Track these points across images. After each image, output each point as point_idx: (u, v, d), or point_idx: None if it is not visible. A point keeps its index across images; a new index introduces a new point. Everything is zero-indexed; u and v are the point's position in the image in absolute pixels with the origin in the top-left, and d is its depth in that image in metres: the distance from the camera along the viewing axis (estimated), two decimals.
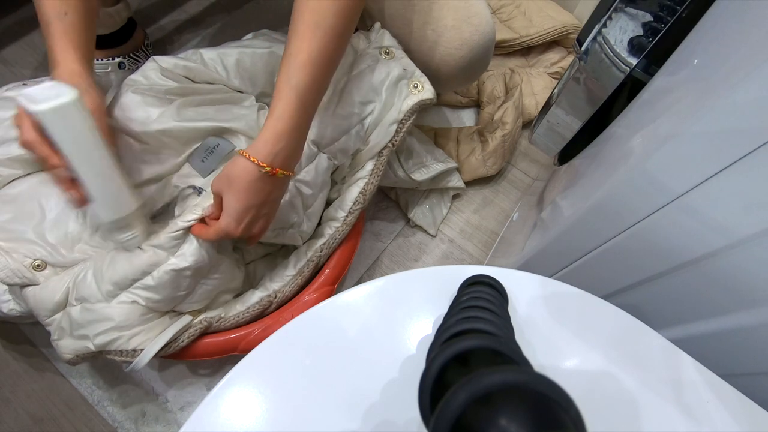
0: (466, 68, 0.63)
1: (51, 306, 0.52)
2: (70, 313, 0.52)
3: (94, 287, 0.52)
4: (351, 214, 0.64)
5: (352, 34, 0.51)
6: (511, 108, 0.84)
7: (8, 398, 0.66)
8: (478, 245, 0.84)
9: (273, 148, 0.46)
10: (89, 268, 0.53)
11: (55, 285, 0.52)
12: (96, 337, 0.52)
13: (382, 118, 0.61)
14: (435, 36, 0.61)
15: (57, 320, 0.53)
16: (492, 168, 0.85)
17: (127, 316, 0.53)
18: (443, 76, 0.64)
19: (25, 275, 0.52)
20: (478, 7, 0.60)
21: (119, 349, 0.53)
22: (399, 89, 0.61)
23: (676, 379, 0.29)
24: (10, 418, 0.65)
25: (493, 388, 0.15)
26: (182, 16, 0.99)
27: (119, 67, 0.84)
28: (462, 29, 0.60)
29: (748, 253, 0.30)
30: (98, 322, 0.52)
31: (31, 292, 0.52)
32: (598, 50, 0.42)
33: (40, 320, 0.53)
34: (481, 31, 0.60)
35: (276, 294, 0.63)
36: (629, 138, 0.38)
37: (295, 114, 0.46)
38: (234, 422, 0.26)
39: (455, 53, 0.61)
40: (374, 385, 0.28)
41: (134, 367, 0.54)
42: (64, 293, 0.52)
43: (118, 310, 0.53)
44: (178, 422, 0.67)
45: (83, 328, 0.52)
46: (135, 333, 0.54)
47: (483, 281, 0.30)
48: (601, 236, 0.39)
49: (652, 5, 0.39)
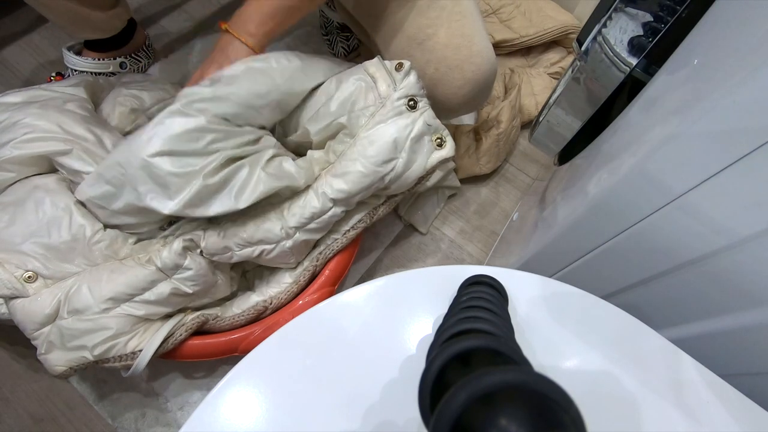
0: (468, 103, 0.64)
1: (40, 319, 0.51)
2: (61, 325, 0.51)
3: (90, 301, 0.52)
4: (353, 230, 0.63)
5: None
6: (507, 107, 0.84)
7: (8, 398, 0.66)
8: (478, 245, 0.84)
9: (261, 27, 0.53)
10: (83, 282, 0.53)
11: (45, 298, 0.51)
12: (95, 348, 0.52)
13: (404, 173, 0.58)
14: (438, 75, 0.60)
15: (45, 334, 0.52)
16: (486, 166, 0.85)
17: (124, 325, 0.53)
18: (445, 108, 0.64)
19: (15, 287, 0.51)
20: (480, 45, 0.59)
21: (117, 355, 0.53)
22: (422, 145, 0.58)
23: (676, 379, 0.29)
24: (10, 418, 0.65)
25: (493, 388, 0.15)
26: (182, 16, 0.99)
27: (120, 67, 0.84)
28: (464, 69, 0.59)
29: (748, 253, 0.30)
30: (95, 332, 0.52)
31: (20, 305, 0.51)
32: (598, 50, 0.42)
33: (26, 333, 0.52)
34: (484, 70, 0.60)
35: (272, 300, 0.63)
36: (629, 138, 0.38)
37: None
38: (234, 422, 0.26)
39: (458, 91, 0.61)
40: (374, 385, 0.28)
41: (135, 369, 0.54)
42: (54, 306, 0.51)
43: (115, 320, 0.53)
44: (178, 422, 0.67)
45: (78, 339, 0.52)
46: (131, 337, 0.54)
47: (483, 281, 0.30)
48: (601, 236, 0.39)
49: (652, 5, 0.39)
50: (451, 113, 0.67)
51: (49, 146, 0.54)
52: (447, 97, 0.62)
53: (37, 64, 0.91)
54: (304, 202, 0.57)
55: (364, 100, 0.56)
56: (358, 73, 0.58)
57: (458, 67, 0.59)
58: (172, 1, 1.01)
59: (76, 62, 0.80)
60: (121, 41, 0.82)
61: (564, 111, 0.49)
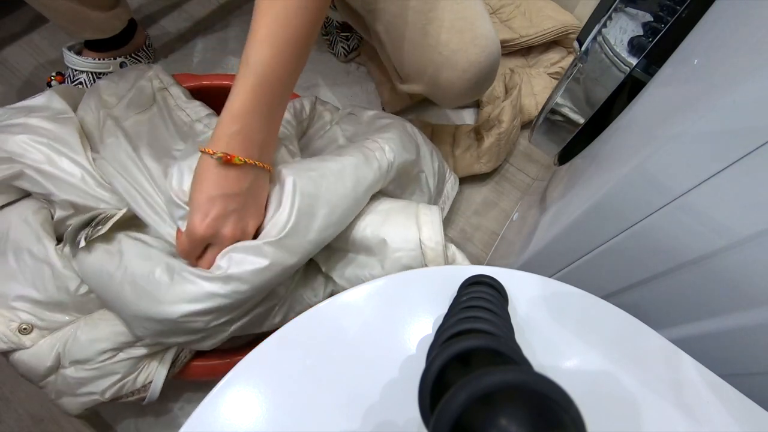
0: (473, 87, 0.63)
1: (43, 371, 0.50)
2: (66, 375, 0.50)
3: (90, 352, 0.50)
4: None
5: (323, 5, 0.45)
6: (508, 107, 0.84)
7: (8, 398, 0.66)
8: (478, 245, 0.84)
9: (226, 129, 0.43)
10: (81, 333, 0.51)
11: (44, 351, 0.50)
12: (105, 392, 0.51)
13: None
14: (442, 59, 0.60)
15: (51, 382, 0.51)
16: (486, 166, 0.85)
17: (130, 367, 0.52)
18: (450, 95, 0.64)
19: (12, 340, 0.49)
20: (483, 28, 0.59)
21: (130, 391, 0.53)
22: None
23: (676, 379, 0.29)
24: (10, 418, 0.65)
25: (493, 388, 0.15)
26: (182, 16, 0.99)
27: (120, 67, 0.84)
28: (468, 51, 0.59)
29: (748, 253, 0.30)
30: (103, 378, 0.51)
31: (20, 360, 0.50)
32: (598, 50, 0.42)
33: (34, 383, 0.51)
34: (488, 52, 0.60)
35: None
36: (629, 138, 0.38)
37: (252, 93, 0.43)
38: (234, 422, 0.26)
39: (462, 75, 0.61)
40: (374, 385, 0.28)
41: (150, 399, 0.54)
42: (54, 358, 0.50)
43: (120, 365, 0.51)
44: (178, 422, 0.67)
45: (86, 386, 0.51)
46: (139, 373, 0.53)
47: (483, 281, 0.30)
48: (601, 236, 0.39)
49: (652, 5, 0.39)
50: (456, 100, 0.66)
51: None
52: (452, 82, 0.62)
53: (37, 64, 0.91)
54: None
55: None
56: (412, 256, 0.51)
57: (462, 50, 0.59)
58: (172, 1, 1.01)
59: (76, 62, 0.80)
60: (121, 41, 0.82)
61: (564, 111, 0.49)
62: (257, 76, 0.43)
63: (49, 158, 0.50)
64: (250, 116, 0.44)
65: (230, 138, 0.43)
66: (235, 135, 0.43)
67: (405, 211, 0.54)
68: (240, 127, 0.43)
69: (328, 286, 0.58)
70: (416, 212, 0.53)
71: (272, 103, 0.45)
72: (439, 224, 0.52)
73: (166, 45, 0.95)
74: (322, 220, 0.48)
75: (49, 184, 0.51)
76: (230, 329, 0.48)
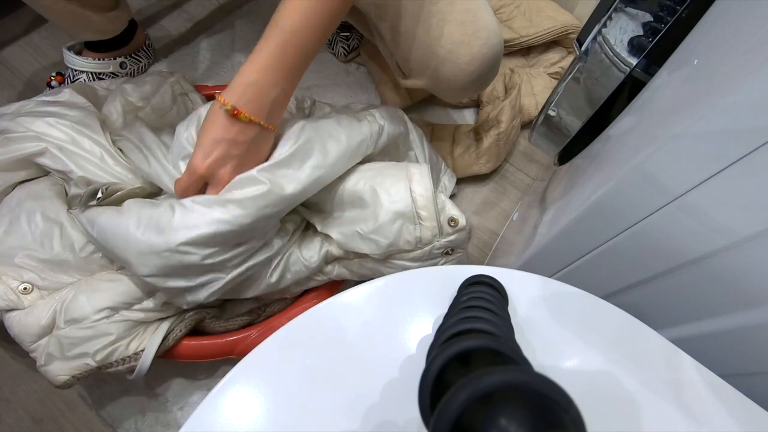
0: (476, 81, 0.63)
1: (37, 330, 0.51)
2: (59, 335, 0.51)
3: (87, 310, 0.51)
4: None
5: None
6: (507, 107, 0.84)
7: (8, 398, 0.66)
8: (478, 245, 0.84)
9: (245, 78, 0.45)
10: (80, 292, 0.52)
11: (41, 309, 0.51)
12: (97, 354, 0.52)
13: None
14: (444, 52, 0.60)
15: (42, 345, 0.51)
16: (485, 166, 0.85)
17: (124, 329, 0.53)
18: (453, 88, 0.64)
19: (11, 298, 0.50)
20: (485, 20, 0.59)
21: (120, 358, 0.53)
22: None
23: (676, 379, 0.29)
24: (10, 418, 0.65)
25: (493, 388, 0.15)
26: (182, 16, 0.99)
27: (121, 67, 0.84)
28: (471, 44, 0.59)
29: (748, 253, 0.30)
30: (96, 339, 0.52)
31: (16, 318, 0.51)
32: (598, 50, 0.42)
33: (24, 346, 0.52)
34: (490, 44, 0.60)
35: (265, 308, 0.64)
36: (629, 138, 0.38)
37: (276, 51, 0.45)
38: (234, 422, 0.26)
39: (465, 68, 0.61)
40: (374, 385, 0.28)
41: (139, 370, 0.54)
42: (50, 317, 0.51)
43: (115, 325, 0.52)
44: (178, 422, 0.67)
45: (79, 347, 0.51)
46: (132, 338, 0.54)
47: (483, 281, 0.30)
48: (601, 236, 0.39)
49: (652, 5, 0.39)
50: (459, 94, 0.66)
51: (24, 149, 0.54)
52: (455, 75, 0.62)
53: (37, 65, 0.91)
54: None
55: (401, 241, 0.55)
56: (403, 203, 0.54)
57: (465, 42, 0.59)
58: (172, 1, 1.01)
59: (77, 62, 0.80)
60: (121, 41, 0.82)
61: (564, 111, 0.49)
62: (284, 36, 0.45)
63: (71, 138, 0.55)
64: (270, 72, 0.46)
65: (246, 87, 0.46)
66: (252, 85, 0.46)
67: (396, 167, 0.58)
68: (258, 79, 0.46)
69: (323, 246, 0.59)
70: (406, 168, 0.58)
71: (293, 65, 0.48)
72: (428, 174, 0.56)
73: (167, 45, 0.95)
74: (316, 158, 0.52)
75: (69, 161, 0.54)
76: (226, 278, 0.50)
